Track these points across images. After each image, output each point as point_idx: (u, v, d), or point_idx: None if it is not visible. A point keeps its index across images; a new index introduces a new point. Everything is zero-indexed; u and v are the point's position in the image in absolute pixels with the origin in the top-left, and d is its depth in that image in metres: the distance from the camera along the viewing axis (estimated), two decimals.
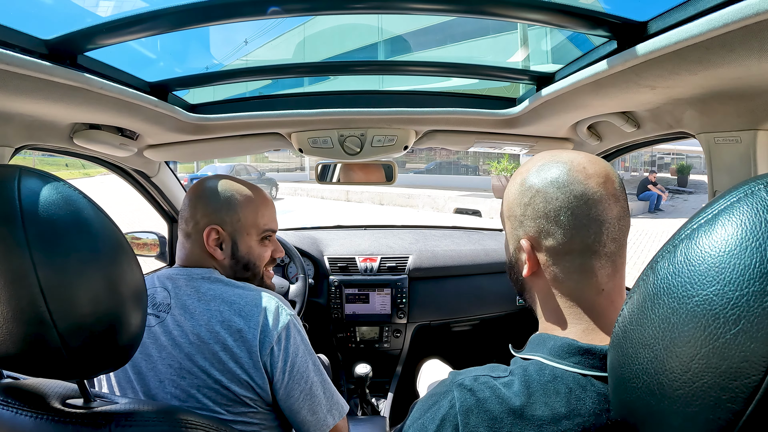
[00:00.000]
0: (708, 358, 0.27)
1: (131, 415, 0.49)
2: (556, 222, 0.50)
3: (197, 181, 0.87)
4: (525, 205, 0.53)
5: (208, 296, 0.75)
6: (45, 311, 0.42)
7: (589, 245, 0.49)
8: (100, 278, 0.45)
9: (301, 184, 16.59)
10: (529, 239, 0.53)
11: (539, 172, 0.53)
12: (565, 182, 0.50)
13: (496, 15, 0.69)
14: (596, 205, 0.49)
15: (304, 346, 0.77)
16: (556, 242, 0.51)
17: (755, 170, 0.76)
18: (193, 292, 0.76)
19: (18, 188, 0.43)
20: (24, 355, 0.44)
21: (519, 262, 0.56)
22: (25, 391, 0.51)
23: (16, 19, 0.64)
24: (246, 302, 0.75)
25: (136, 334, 0.50)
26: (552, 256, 0.51)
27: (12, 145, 0.91)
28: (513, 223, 0.56)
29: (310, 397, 0.76)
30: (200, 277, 0.78)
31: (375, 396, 1.66)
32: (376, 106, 1.12)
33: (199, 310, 0.73)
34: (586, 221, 0.49)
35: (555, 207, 0.50)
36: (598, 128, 1.15)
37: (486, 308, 1.77)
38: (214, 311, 0.73)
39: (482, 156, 14.96)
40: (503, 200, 0.59)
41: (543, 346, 0.50)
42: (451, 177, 15.90)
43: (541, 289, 0.54)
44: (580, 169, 0.51)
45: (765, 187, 0.28)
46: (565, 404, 0.43)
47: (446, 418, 0.46)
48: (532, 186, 0.53)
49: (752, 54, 0.55)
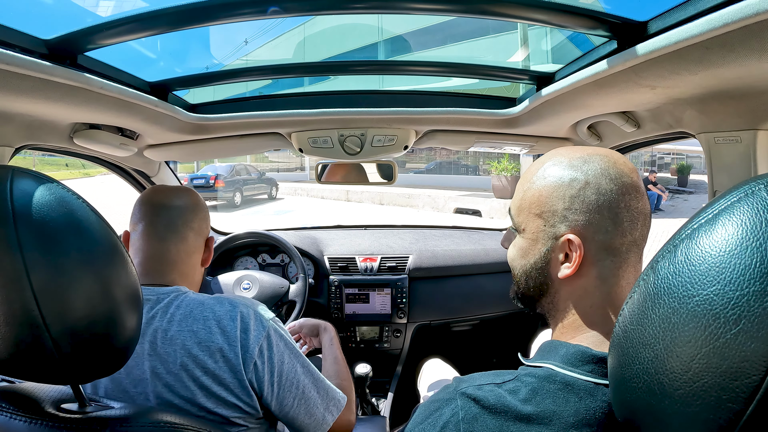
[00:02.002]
0: (708, 357, 0.27)
1: (126, 420, 0.48)
2: (610, 215, 0.47)
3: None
4: (572, 197, 0.49)
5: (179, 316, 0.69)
6: (37, 315, 0.41)
7: (635, 240, 0.48)
8: (94, 281, 0.44)
9: (301, 184, 16.58)
10: (576, 234, 0.48)
11: (582, 164, 0.50)
12: (616, 174, 0.48)
13: (496, 15, 0.69)
14: (642, 198, 0.49)
15: (288, 350, 0.73)
16: (609, 237, 0.48)
17: (755, 170, 0.76)
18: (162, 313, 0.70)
19: (10, 189, 0.42)
20: (16, 359, 0.44)
21: (553, 262, 0.51)
22: (20, 396, 0.50)
23: (16, 19, 0.64)
24: (221, 316, 0.69)
25: (131, 338, 0.49)
26: (600, 252, 0.48)
27: (12, 144, 0.91)
28: (550, 219, 0.50)
29: (304, 401, 0.73)
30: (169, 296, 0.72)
31: (375, 396, 1.65)
32: (376, 106, 1.12)
33: (171, 333, 0.67)
34: (636, 214, 0.48)
35: (609, 199, 0.47)
36: (598, 128, 1.15)
37: (486, 308, 1.77)
38: (186, 332, 0.67)
39: (482, 156, 14.96)
40: (525, 196, 0.54)
41: (555, 354, 0.48)
42: (451, 177, 15.89)
43: (576, 289, 0.50)
44: (622, 163, 0.50)
45: (765, 187, 0.28)
46: (573, 413, 0.42)
47: (447, 426, 0.45)
48: (578, 177, 0.49)
49: (752, 54, 0.55)
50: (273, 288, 1.46)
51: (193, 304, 0.70)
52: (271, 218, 10.33)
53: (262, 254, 1.78)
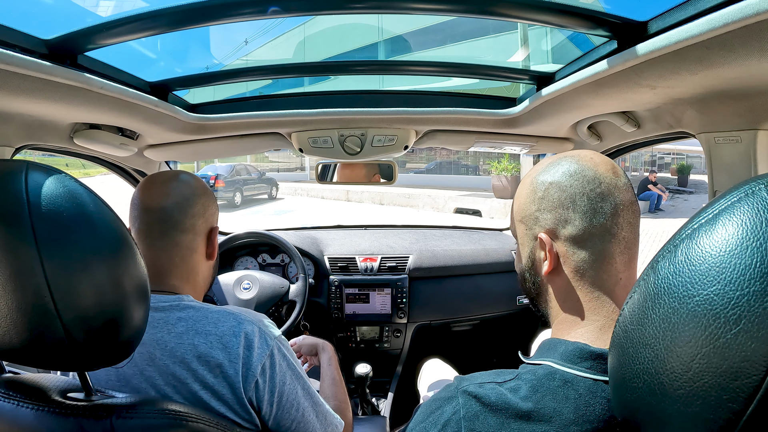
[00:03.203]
0: (709, 357, 0.27)
1: (132, 407, 0.49)
2: (573, 208, 0.50)
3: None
4: (539, 199, 0.53)
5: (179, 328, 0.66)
6: (50, 302, 0.43)
7: (608, 228, 0.50)
8: (105, 272, 0.46)
9: (301, 184, 16.58)
10: (546, 232, 0.52)
11: (548, 169, 0.54)
12: (576, 170, 0.52)
13: (496, 15, 0.69)
14: (609, 187, 0.50)
15: (291, 371, 0.71)
16: (576, 229, 0.50)
17: (755, 170, 0.76)
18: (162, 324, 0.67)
19: (25, 182, 0.44)
20: (27, 346, 0.45)
21: (537, 261, 0.55)
22: (27, 385, 0.51)
23: (16, 19, 0.64)
24: (224, 332, 0.66)
25: (138, 329, 0.51)
26: (572, 245, 0.51)
27: (12, 144, 0.91)
28: (527, 223, 0.55)
29: (303, 425, 0.71)
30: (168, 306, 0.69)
31: (375, 396, 1.65)
32: (376, 105, 1.12)
33: (171, 345, 0.65)
34: (602, 203, 0.50)
35: (570, 194, 0.51)
36: (599, 128, 1.15)
37: (486, 308, 1.77)
38: (187, 345, 0.64)
39: (482, 156, 14.95)
40: (513, 207, 0.59)
41: (554, 351, 0.49)
42: (451, 177, 15.89)
43: (561, 286, 0.53)
44: (588, 159, 0.53)
45: (765, 187, 0.28)
46: (573, 410, 0.42)
47: (448, 424, 0.45)
48: (543, 181, 0.53)
49: (752, 54, 0.55)
50: (273, 288, 1.46)
51: (197, 317, 0.67)
52: (271, 218, 10.33)
53: (262, 254, 1.78)
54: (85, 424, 0.47)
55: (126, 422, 0.47)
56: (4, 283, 0.42)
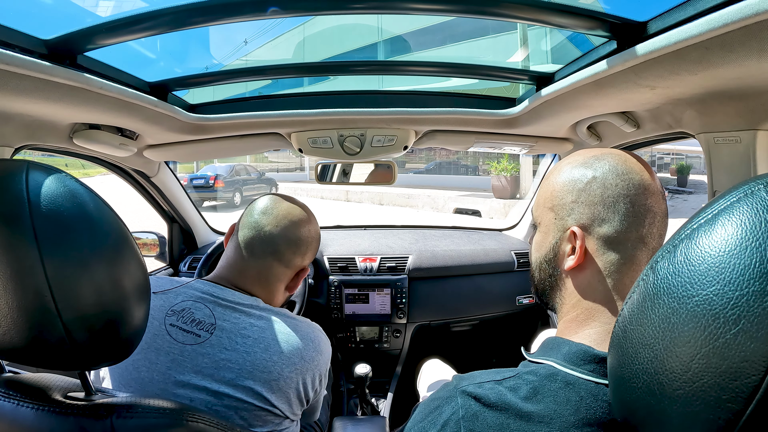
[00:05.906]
0: (708, 357, 0.27)
1: (132, 407, 0.49)
2: (614, 208, 0.49)
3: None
4: (579, 191, 0.52)
5: (251, 335, 0.70)
6: (51, 301, 0.43)
7: (642, 236, 0.49)
8: (105, 271, 0.46)
9: (301, 184, 16.58)
10: (579, 226, 0.51)
11: (591, 162, 0.53)
12: (624, 171, 0.50)
13: (496, 15, 0.69)
14: (652, 196, 0.50)
15: (325, 389, 0.85)
16: (612, 230, 0.49)
17: (755, 170, 0.76)
18: (234, 325, 0.71)
19: (26, 182, 0.44)
20: (27, 345, 0.45)
21: (560, 254, 0.53)
22: (27, 385, 0.51)
23: (16, 19, 0.64)
24: (288, 347, 0.71)
25: (138, 329, 0.51)
26: (603, 245, 0.50)
27: (12, 145, 0.91)
28: (559, 212, 0.53)
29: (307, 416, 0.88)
30: (246, 306, 0.74)
31: (375, 396, 1.65)
32: (375, 106, 1.12)
33: (239, 347, 0.69)
34: (643, 210, 0.49)
35: (614, 193, 0.50)
36: (598, 128, 1.15)
37: (486, 308, 1.77)
38: (252, 353, 0.68)
39: (482, 156, 14.96)
40: (542, 192, 0.57)
41: (557, 351, 0.48)
42: (450, 177, 15.89)
43: (581, 282, 0.52)
44: (633, 162, 0.51)
45: (765, 187, 0.28)
46: (574, 412, 0.42)
47: (447, 424, 0.45)
48: (587, 173, 0.52)
49: (752, 54, 0.55)
50: None
51: (269, 323, 0.73)
52: None
53: None
54: (85, 424, 0.47)
55: (126, 422, 0.47)
56: (5, 283, 0.42)
